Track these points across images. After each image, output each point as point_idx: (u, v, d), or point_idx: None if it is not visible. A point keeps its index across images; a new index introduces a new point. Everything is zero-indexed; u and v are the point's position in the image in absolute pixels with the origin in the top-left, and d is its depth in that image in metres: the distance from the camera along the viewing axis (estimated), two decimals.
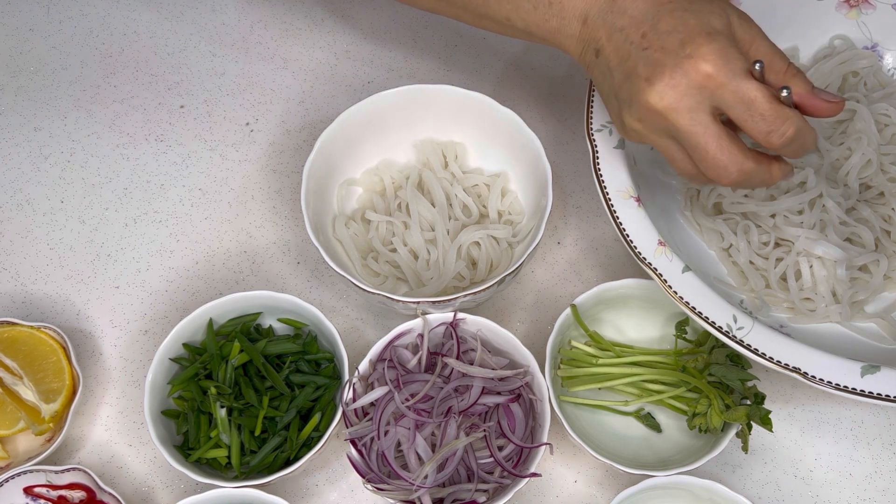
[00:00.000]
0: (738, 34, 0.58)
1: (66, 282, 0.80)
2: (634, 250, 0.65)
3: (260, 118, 0.88)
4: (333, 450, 0.72)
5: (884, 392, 0.60)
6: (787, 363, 0.61)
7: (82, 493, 0.67)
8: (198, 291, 0.79)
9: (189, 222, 0.83)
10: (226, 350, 0.70)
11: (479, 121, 0.77)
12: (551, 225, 0.82)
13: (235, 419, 0.68)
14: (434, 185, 0.77)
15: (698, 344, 0.71)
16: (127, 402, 0.75)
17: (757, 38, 0.58)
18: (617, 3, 0.59)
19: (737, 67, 0.56)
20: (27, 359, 0.72)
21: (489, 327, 0.70)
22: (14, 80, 0.90)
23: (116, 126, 0.87)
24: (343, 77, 0.90)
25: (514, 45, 0.91)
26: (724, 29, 0.57)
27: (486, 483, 0.65)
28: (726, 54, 0.56)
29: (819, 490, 0.71)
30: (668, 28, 0.57)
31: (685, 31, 0.57)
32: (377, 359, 0.69)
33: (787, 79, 0.58)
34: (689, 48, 0.56)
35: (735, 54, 0.56)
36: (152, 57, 0.91)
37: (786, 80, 0.58)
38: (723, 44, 0.56)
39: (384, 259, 0.76)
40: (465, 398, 0.67)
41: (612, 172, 0.68)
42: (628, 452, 0.70)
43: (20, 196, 0.84)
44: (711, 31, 0.57)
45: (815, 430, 0.73)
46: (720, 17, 0.58)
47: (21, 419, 0.70)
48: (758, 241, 0.73)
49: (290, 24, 0.93)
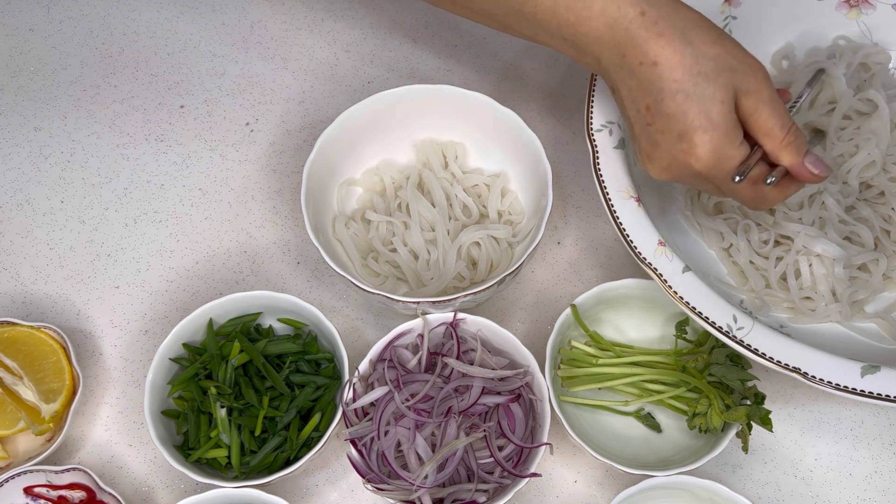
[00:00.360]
0: (742, 108, 0.59)
1: (66, 282, 0.80)
2: (634, 250, 0.65)
3: (260, 118, 0.88)
4: (333, 450, 0.72)
5: (884, 392, 0.60)
6: (787, 363, 0.61)
7: (82, 493, 0.67)
8: (198, 291, 0.79)
9: (189, 222, 0.83)
10: (226, 350, 0.70)
11: (479, 121, 0.77)
12: (551, 225, 0.82)
13: (235, 419, 0.68)
14: (434, 185, 0.77)
15: (698, 344, 0.71)
16: (127, 402, 0.75)
17: (760, 107, 0.59)
18: (626, 59, 0.60)
19: (727, 168, 0.60)
20: (27, 359, 0.72)
21: (489, 327, 0.70)
22: (14, 80, 0.90)
23: (116, 126, 0.87)
24: (343, 77, 0.90)
25: (514, 46, 0.91)
26: (722, 119, 0.58)
27: (486, 483, 0.65)
28: (719, 155, 0.59)
29: (819, 490, 0.71)
30: (669, 112, 0.59)
31: (683, 123, 0.59)
32: (377, 359, 0.69)
33: (781, 149, 0.60)
34: (685, 143, 0.59)
35: (728, 153, 0.59)
36: (152, 57, 0.91)
37: (780, 150, 0.60)
38: (717, 142, 0.59)
39: (384, 259, 0.76)
40: (465, 398, 0.67)
41: (612, 172, 0.68)
42: (628, 452, 0.70)
43: (20, 196, 0.84)
44: (707, 127, 0.58)
45: (815, 430, 0.73)
46: (721, 104, 0.58)
47: (21, 419, 0.70)
48: (758, 240, 0.73)
49: (290, 24, 0.93)
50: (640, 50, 0.59)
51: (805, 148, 0.61)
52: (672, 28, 0.58)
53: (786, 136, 0.60)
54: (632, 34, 0.59)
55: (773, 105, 0.59)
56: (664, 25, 0.58)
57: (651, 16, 0.58)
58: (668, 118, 0.59)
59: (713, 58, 0.58)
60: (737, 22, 0.78)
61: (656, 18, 0.58)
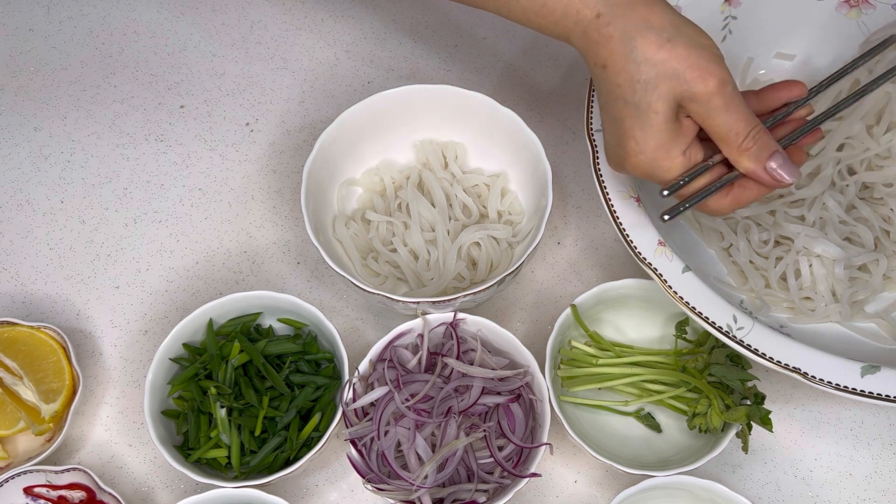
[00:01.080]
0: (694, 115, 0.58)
1: (66, 282, 0.80)
2: (634, 250, 0.65)
3: (260, 118, 0.88)
4: (333, 450, 0.72)
5: (884, 392, 0.60)
6: (787, 363, 0.61)
7: (82, 493, 0.67)
8: (198, 291, 0.79)
9: (189, 222, 0.83)
10: (226, 350, 0.70)
11: (479, 121, 0.77)
12: (551, 225, 0.82)
13: (235, 419, 0.68)
14: (434, 185, 0.77)
15: (698, 344, 0.71)
16: (127, 402, 0.75)
17: (711, 113, 0.57)
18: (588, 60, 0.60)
19: (662, 178, 0.60)
20: (27, 359, 0.72)
21: (489, 327, 0.70)
22: (14, 80, 0.90)
23: (116, 126, 0.87)
24: (343, 77, 0.90)
25: (514, 46, 0.91)
26: (656, 131, 0.58)
27: (486, 483, 0.65)
28: (651, 165, 0.59)
29: (819, 490, 0.71)
30: (612, 116, 0.59)
31: (621, 130, 0.59)
32: (377, 359, 0.69)
33: (738, 155, 0.58)
34: (622, 149, 0.60)
35: (661, 164, 0.59)
36: (152, 57, 0.91)
37: (737, 156, 0.59)
38: (648, 155, 0.59)
39: (384, 259, 0.76)
40: (465, 398, 0.67)
41: (611, 172, 0.67)
42: (628, 452, 0.70)
43: (20, 196, 0.84)
44: (640, 138, 0.58)
45: (815, 430, 0.73)
46: (655, 114, 0.57)
47: (21, 419, 0.70)
48: (758, 239, 0.73)
49: (290, 24, 0.93)
50: (593, 52, 0.59)
51: (767, 153, 0.59)
52: (621, 31, 0.57)
53: (743, 140, 0.58)
54: (588, 36, 0.59)
55: (726, 110, 0.57)
56: (614, 28, 0.58)
57: (604, 18, 0.58)
58: (612, 122, 0.60)
59: (657, 63, 0.56)
60: (737, 22, 0.78)
61: (609, 20, 0.58)
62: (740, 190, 0.61)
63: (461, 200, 0.78)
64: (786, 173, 0.59)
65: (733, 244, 0.73)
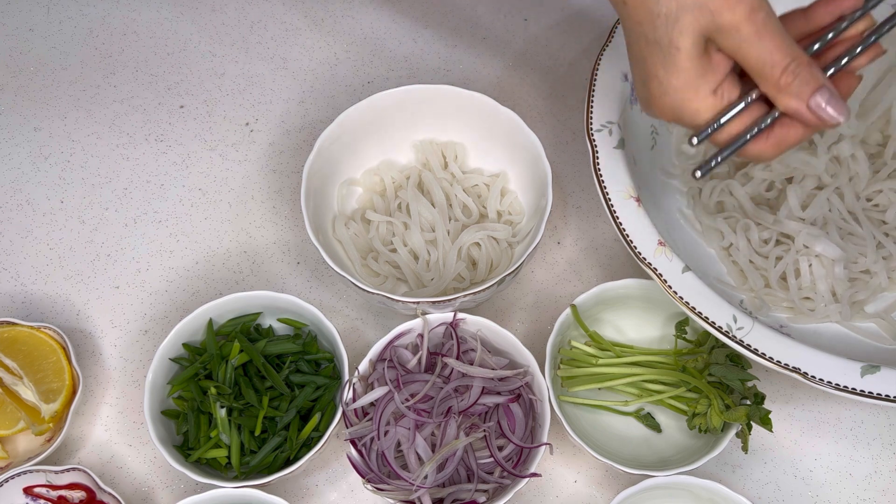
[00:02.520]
0: (725, 49, 0.52)
1: (66, 282, 0.80)
2: (634, 250, 0.65)
3: (260, 118, 0.88)
4: (333, 450, 0.72)
5: (884, 392, 0.60)
6: (787, 363, 0.61)
7: (82, 493, 0.67)
8: (198, 291, 0.79)
9: (189, 222, 0.83)
10: (226, 350, 0.70)
11: (479, 121, 0.77)
12: (551, 225, 0.82)
13: (235, 419, 0.68)
14: (434, 185, 0.77)
15: (698, 344, 0.71)
16: (127, 402, 0.75)
17: (742, 45, 0.51)
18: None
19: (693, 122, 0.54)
20: (27, 359, 0.72)
21: (489, 327, 0.70)
22: (14, 80, 0.90)
23: (116, 126, 0.87)
24: (343, 77, 0.90)
25: (514, 46, 0.91)
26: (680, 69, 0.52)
27: (486, 483, 0.65)
28: (679, 107, 0.54)
29: (819, 490, 0.71)
30: (636, 56, 0.55)
31: (644, 70, 0.54)
32: (377, 359, 0.69)
33: (777, 92, 0.52)
34: (647, 90, 0.55)
35: (691, 105, 0.53)
36: (152, 57, 0.91)
37: (775, 93, 0.52)
38: (674, 95, 0.53)
39: (384, 259, 0.76)
40: (465, 398, 0.67)
41: (612, 172, 0.67)
42: (628, 452, 0.70)
43: (20, 196, 0.84)
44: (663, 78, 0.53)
45: (815, 430, 0.73)
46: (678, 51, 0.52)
47: (21, 419, 0.70)
48: (758, 239, 0.73)
49: (290, 24, 0.93)
50: None
51: (811, 88, 0.51)
52: None
53: (781, 74, 0.51)
54: None
55: (759, 40, 0.50)
56: None
57: None
58: (636, 62, 0.55)
59: None
60: None
61: None
62: (782, 130, 0.54)
63: (461, 200, 0.78)
64: (834, 110, 0.52)
65: (733, 243, 0.73)
